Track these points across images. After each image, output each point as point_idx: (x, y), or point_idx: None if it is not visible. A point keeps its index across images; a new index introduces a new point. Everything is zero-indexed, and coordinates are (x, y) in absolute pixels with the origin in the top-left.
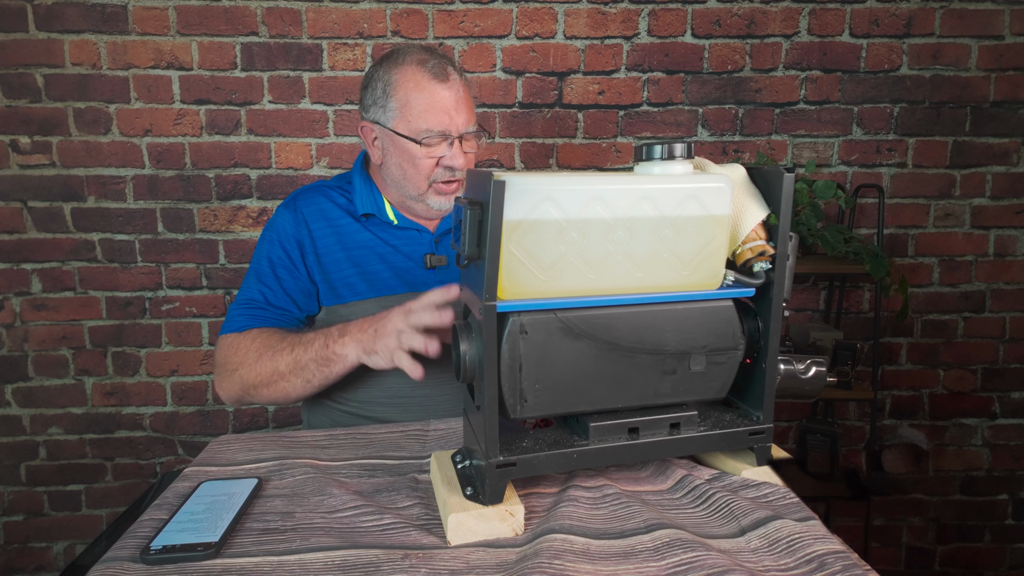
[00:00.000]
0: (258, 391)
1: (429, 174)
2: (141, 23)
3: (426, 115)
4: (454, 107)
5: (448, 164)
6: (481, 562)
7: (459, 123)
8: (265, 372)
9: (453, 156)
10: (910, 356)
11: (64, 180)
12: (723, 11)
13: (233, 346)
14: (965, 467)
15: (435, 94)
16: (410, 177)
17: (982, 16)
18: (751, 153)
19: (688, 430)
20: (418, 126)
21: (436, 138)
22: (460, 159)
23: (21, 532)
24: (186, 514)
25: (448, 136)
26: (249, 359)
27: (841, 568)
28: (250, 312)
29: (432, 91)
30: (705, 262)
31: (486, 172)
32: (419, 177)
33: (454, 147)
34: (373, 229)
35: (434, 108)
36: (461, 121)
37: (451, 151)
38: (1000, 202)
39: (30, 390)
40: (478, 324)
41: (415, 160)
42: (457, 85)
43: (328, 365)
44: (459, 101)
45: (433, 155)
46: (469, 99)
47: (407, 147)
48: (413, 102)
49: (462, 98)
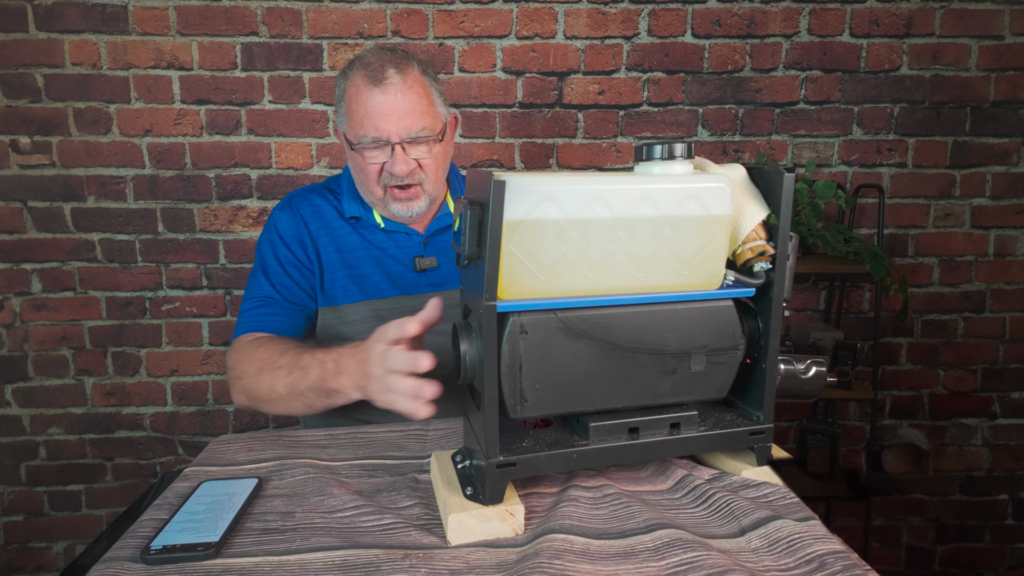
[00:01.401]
0: (263, 405)
1: (377, 180)
2: (141, 23)
3: (363, 121)
4: (390, 112)
5: (389, 171)
6: (481, 562)
7: (396, 128)
8: (264, 388)
9: (393, 163)
10: (910, 356)
11: (64, 180)
12: (723, 11)
13: (240, 351)
14: (965, 467)
15: (370, 99)
16: (363, 183)
17: (982, 16)
18: (751, 153)
19: (688, 430)
20: (356, 132)
21: (370, 144)
22: (401, 166)
23: (21, 532)
24: (186, 514)
25: (385, 142)
26: (251, 370)
27: (841, 568)
28: (267, 310)
29: (367, 97)
30: (705, 262)
31: (486, 172)
32: (369, 183)
33: (396, 153)
34: (362, 232)
35: (369, 114)
36: (400, 126)
37: (392, 158)
38: (1000, 202)
39: (30, 390)
40: (478, 324)
41: (362, 167)
42: (395, 88)
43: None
44: (396, 104)
45: (374, 161)
46: (423, 98)
47: (352, 154)
48: (353, 108)
49: (401, 101)
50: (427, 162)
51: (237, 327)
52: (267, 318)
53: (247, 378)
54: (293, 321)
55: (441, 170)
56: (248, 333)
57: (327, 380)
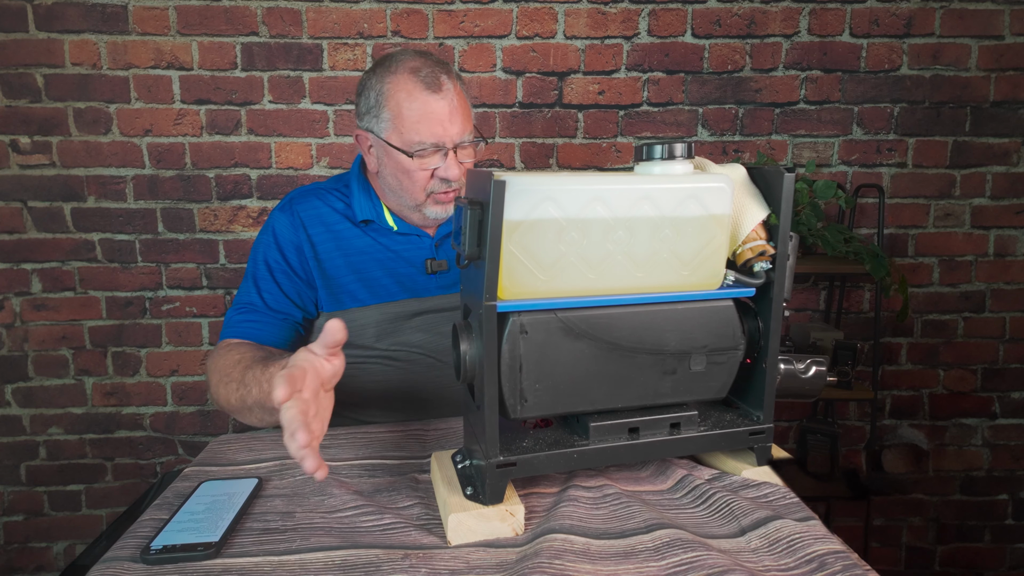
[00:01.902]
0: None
1: (425, 186)
2: (141, 23)
3: (419, 127)
4: (448, 118)
5: (443, 176)
6: (481, 562)
7: (453, 133)
8: (222, 399)
9: (448, 167)
10: (910, 356)
11: (64, 180)
12: (723, 11)
13: (213, 358)
14: (965, 467)
15: (428, 105)
16: (406, 188)
17: (982, 16)
18: (751, 153)
19: (688, 430)
20: (411, 138)
21: (429, 150)
22: (455, 170)
23: (21, 532)
24: (186, 514)
25: (442, 148)
26: (214, 379)
27: (841, 568)
28: (248, 317)
29: (425, 102)
30: (705, 262)
31: (486, 172)
32: (415, 189)
33: (449, 158)
34: (373, 235)
35: (427, 119)
36: (456, 131)
37: (446, 162)
38: (1000, 202)
39: (30, 390)
40: (478, 324)
41: (410, 172)
42: (451, 94)
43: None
44: (454, 111)
45: (427, 167)
46: (466, 106)
47: (401, 159)
48: (406, 114)
49: (457, 107)
50: (469, 166)
51: (221, 331)
52: (247, 325)
53: (211, 386)
54: (275, 330)
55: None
56: (228, 339)
57: (265, 400)
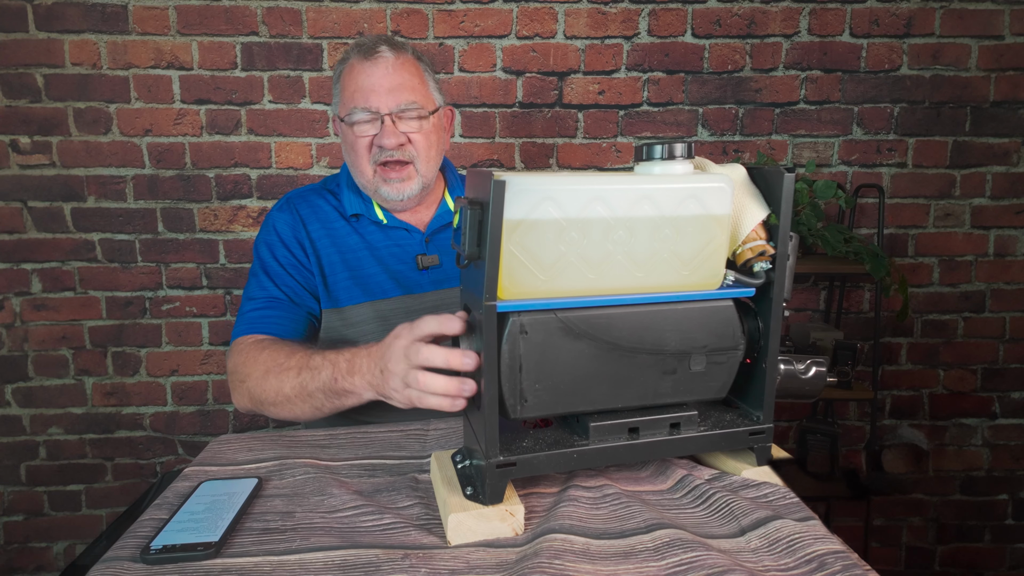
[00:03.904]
0: (267, 408)
1: (366, 155)
2: (141, 23)
3: (355, 95)
4: (380, 84)
5: (379, 143)
6: (481, 562)
7: (386, 100)
8: (271, 391)
9: (383, 135)
10: (910, 356)
11: (64, 180)
12: (723, 11)
13: (243, 353)
14: (965, 467)
15: (361, 72)
16: (354, 163)
17: (982, 16)
18: (751, 153)
19: (688, 430)
20: (347, 106)
21: (361, 115)
22: (391, 138)
23: (21, 532)
24: (186, 514)
25: (375, 113)
26: (256, 372)
27: (841, 568)
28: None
29: (360, 70)
30: (705, 262)
31: (486, 172)
32: (360, 161)
33: (385, 125)
34: (362, 231)
35: (360, 87)
36: (390, 98)
37: (382, 129)
38: (1000, 202)
39: (30, 390)
40: (478, 324)
41: (353, 144)
42: (387, 61)
43: (340, 398)
44: (387, 76)
45: (363, 134)
46: (413, 76)
47: (345, 132)
48: (345, 84)
49: (392, 74)
50: (417, 138)
51: (237, 328)
52: (271, 320)
53: (251, 380)
54: (298, 324)
55: (434, 151)
56: (249, 335)
57: (339, 380)
